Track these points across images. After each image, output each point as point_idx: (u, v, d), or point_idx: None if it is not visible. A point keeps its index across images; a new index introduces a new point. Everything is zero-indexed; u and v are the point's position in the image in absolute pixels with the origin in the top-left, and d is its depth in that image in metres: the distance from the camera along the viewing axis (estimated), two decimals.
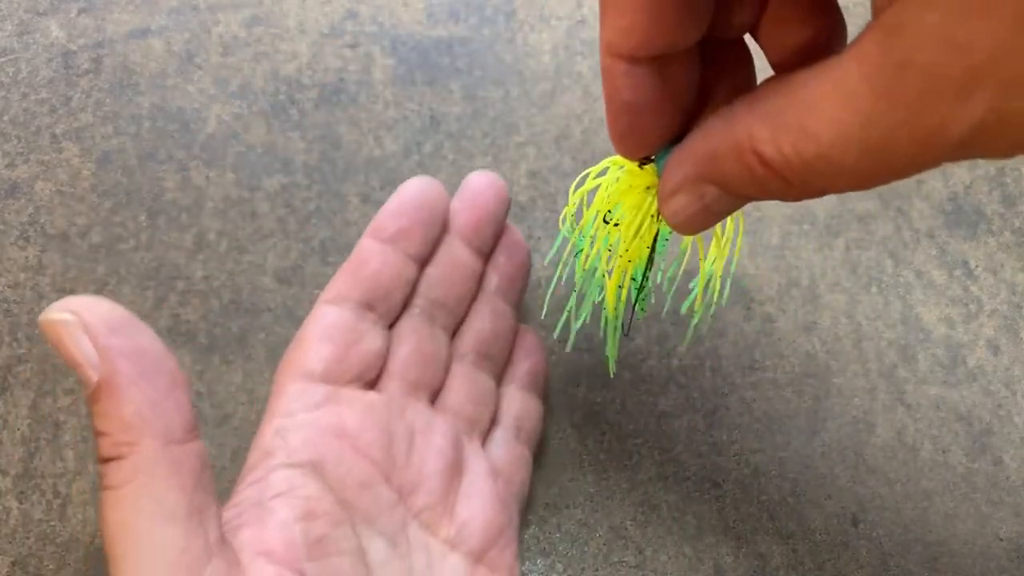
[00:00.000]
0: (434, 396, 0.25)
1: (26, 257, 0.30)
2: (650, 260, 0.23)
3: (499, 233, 0.26)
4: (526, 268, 0.27)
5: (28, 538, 0.27)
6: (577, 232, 0.23)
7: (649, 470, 0.29)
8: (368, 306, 0.24)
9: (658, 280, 0.27)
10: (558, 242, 0.26)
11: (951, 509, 0.28)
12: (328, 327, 0.23)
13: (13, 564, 0.27)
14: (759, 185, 0.15)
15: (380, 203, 0.32)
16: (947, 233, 0.32)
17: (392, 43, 0.34)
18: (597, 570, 0.27)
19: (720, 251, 0.23)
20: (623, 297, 0.23)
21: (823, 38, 0.16)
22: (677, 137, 0.18)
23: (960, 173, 0.33)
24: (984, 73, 0.12)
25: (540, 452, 0.28)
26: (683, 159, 0.17)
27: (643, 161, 0.20)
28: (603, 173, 0.22)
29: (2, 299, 0.30)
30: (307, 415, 0.22)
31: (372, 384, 0.24)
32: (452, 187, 0.32)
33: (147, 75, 0.33)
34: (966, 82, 0.12)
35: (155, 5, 0.34)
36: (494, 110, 0.33)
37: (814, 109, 0.14)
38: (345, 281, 0.24)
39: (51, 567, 0.27)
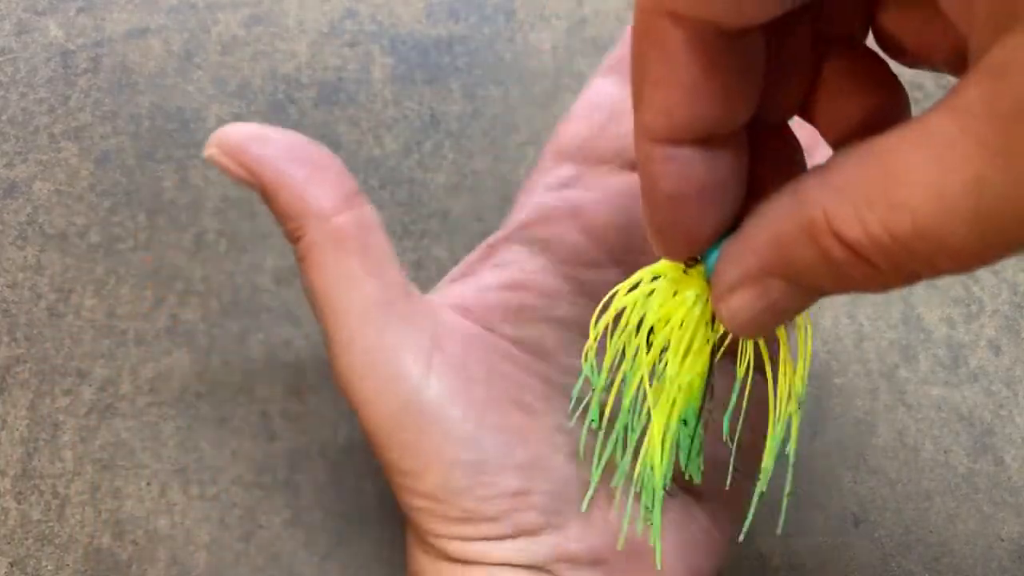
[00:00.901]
0: None
1: (25, 257, 0.30)
2: (706, 390, 0.18)
3: None
4: None
5: (27, 539, 0.27)
6: (605, 375, 0.19)
7: None
8: None
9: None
10: (577, 388, 0.21)
11: (952, 509, 0.28)
12: (591, 103, 0.23)
13: (11, 565, 0.26)
14: (839, 274, 0.13)
15: (380, 203, 0.32)
16: None
17: (391, 42, 0.34)
18: None
19: (788, 381, 0.18)
20: (667, 447, 0.19)
21: (885, 112, 0.15)
22: (725, 233, 0.15)
23: None
24: None
25: None
26: (742, 249, 0.14)
27: (688, 263, 0.17)
28: (633, 289, 0.18)
29: (1, 299, 0.30)
30: (548, 194, 0.22)
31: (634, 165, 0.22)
32: (452, 187, 0.32)
33: (146, 74, 0.33)
34: None
35: (154, 4, 0.34)
36: (494, 109, 0.33)
37: (905, 176, 0.11)
38: (624, 50, 0.22)
39: (49, 568, 0.26)
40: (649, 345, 0.18)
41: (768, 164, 0.16)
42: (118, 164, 0.31)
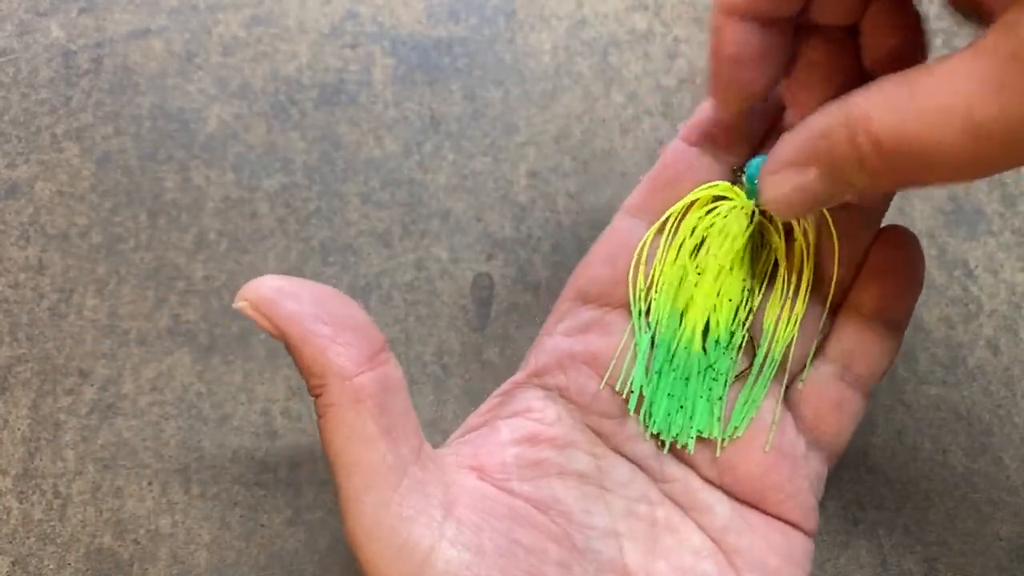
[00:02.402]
0: None
1: (26, 257, 0.30)
2: (745, 286, 0.22)
3: None
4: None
5: (28, 538, 0.27)
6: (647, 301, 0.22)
7: None
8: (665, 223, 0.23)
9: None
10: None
11: (951, 509, 0.28)
12: (616, 245, 0.23)
13: (13, 564, 0.27)
14: (863, 168, 0.17)
15: (380, 203, 0.32)
16: (947, 233, 0.32)
17: (392, 43, 0.34)
18: None
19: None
20: (699, 340, 0.22)
21: (911, 46, 0.19)
22: (762, 143, 0.21)
23: None
24: None
25: None
26: (798, 133, 0.18)
27: (736, 172, 0.21)
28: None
29: (2, 299, 0.30)
30: (564, 339, 0.22)
31: None
32: (453, 188, 0.32)
33: (147, 75, 0.33)
34: None
35: (155, 5, 0.34)
36: (494, 110, 0.33)
37: (925, 94, 0.15)
38: (649, 189, 0.23)
39: (51, 567, 0.27)
40: (697, 249, 0.22)
41: (819, 57, 0.20)
42: (119, 165, 0.32)
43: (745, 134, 0.23)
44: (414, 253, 0.31)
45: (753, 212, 0.21)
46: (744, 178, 0.21)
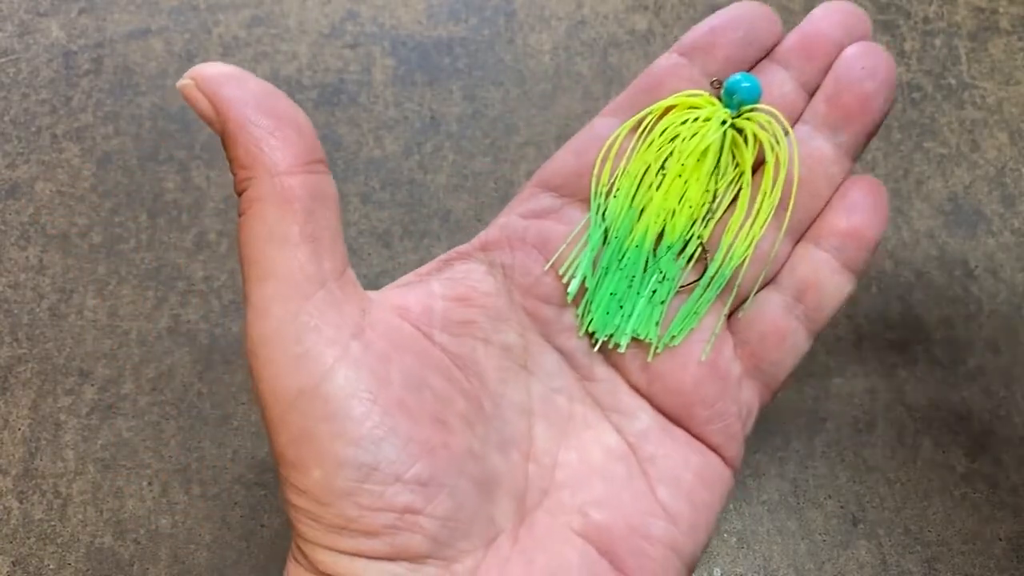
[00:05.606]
0: None
1: (27, 257, 0.30)
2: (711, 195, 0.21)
3: (853, 64, 0.22)
4: (873, 103, 0.21)
5: (29, 538, 0.27)
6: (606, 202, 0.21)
7: None
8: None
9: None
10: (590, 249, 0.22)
11: (950, 509, 0.28)
12: (587, 139, 0.22)
13: (14, 564, 0.27)
14: None
15: (380, 203, 0.32)
16: (947, 233, 0.32)
17: (392, 43, 0.34)
18: None
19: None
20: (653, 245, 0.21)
21: None
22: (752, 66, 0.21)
23: (960, 173, 0.33)
24: None
25: None
26: None
27: (714, 83, 0.21)
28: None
29: (3, 299, 0.30)
30: (519, 220, 0.22)
31: None
32: (453, 188, 0.32)
33: (147, 75, 0.33)
34: None
35: (155, 5, 0.34)
36: (494, 110, 0.33)
37: None
38: (630, 94, 0.22)
39: (51, 567, 0.27)
40: (666, 154, 0.21)
41: None
42: (120, 165, 0.32)
43: (737, 57, 0.22)
44: (414, 253, 0.31)
45: (725, 123, 0.21)
46: (723, 91, 0.21)
